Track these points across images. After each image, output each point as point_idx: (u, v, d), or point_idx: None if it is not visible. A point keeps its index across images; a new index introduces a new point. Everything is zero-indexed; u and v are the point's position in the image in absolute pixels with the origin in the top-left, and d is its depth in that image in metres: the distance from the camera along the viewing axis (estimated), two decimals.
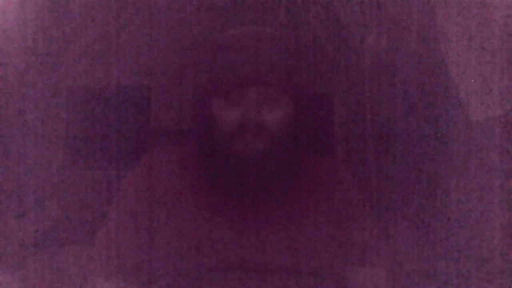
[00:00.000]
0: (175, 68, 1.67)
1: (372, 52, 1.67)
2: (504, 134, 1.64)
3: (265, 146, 1.53)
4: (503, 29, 1.66)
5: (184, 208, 1.57)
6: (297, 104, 1.61)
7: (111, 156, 1.65)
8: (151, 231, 1.57)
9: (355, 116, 1.66)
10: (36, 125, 1.67)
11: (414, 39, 1.68)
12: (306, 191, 1.59)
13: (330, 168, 1.63)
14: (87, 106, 1.68)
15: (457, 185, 1.64)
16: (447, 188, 1.64)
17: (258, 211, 1.55)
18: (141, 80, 1.68)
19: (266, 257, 1.53)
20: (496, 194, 1.64)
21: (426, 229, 1.64)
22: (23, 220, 1.66)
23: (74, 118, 1.68)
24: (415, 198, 1.63)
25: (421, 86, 1.66)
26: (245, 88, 1.54)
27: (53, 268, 1.65)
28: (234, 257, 1.54)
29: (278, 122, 1.55)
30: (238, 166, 1.53)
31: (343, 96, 1.68)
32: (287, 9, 1.67)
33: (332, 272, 1.57)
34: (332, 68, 1.67)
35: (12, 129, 1.67)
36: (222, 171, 1.55)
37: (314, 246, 1.55)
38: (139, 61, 1.68)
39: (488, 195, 1.64)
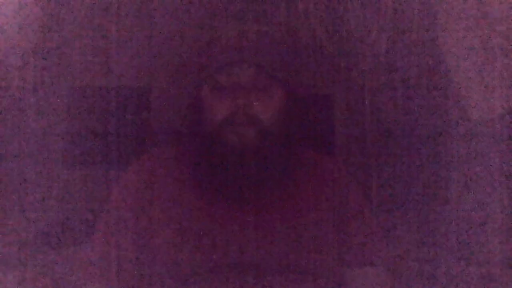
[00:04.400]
0: (175, 68, 1.68)
1: (372, 52, 1.68)
2: (504, 133, 1.64)
3: (265, 144, 1.53)
4: (503, 29, 1.66)
5: (182, 206, 1.57)
6: (298, 103, 1.61)
7: (111, 156, 1.65)
8: (150, 229, 1.57)
9: (355, 115, 1.66)
10: (36, 125, 1.67)
11: (414, 39, 1.68)
12: (305, 190, 1.59)
13: (330, 167, 1.63)
14: (87, 106, 1.68)
15: (457, 185, 1.64)
16: (447, 187, 1.64)
17: (257, 209, 1.55)
18: (141, 80, 1.68)
19: (265, 255, 1.53)
20: (496, 194, 1.63)
21: (426, 229, 1.64)
22: (23, 220, 1.66)
23: (74, 118, 1.68)
24: (415, 197, 1.63)
25: (421, 86, 1.66)
26: (245, 87, 1.55)
27: (53, 268, 1.65)
28: (232, 255, 1.54)
29: (278, 122, 1.55)
30: (238, 165, 1.53)
31: (343, 96, 1.68)
32: (287, 9, 1.68)
33: (331, 271, 1.57)
34: (332, 68, 1.67)
35: (12, 129, 1.67)
36: (220, 170, 1.55)
37: (313, 245, 1.55)
38: (139, 61, 1.68)
39: (489, 194, 1.64)
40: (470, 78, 1.66)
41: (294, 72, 1.64)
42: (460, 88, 1.66)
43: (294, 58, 1.65)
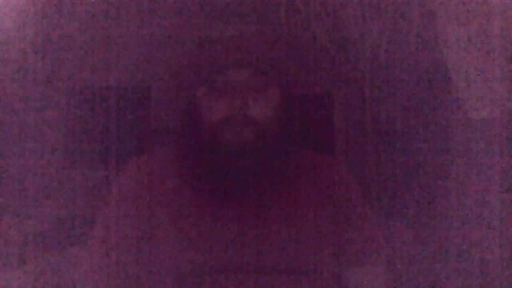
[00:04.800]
0: (175, 68, 1.68)
1: (372, 52, 1.67)
2: (504, 133, 1.64)
3: (264, 145, 1.53)
4: (503, 29, 1.66)
5: (181, 207, 1.57)
6: (297, 103, 1.61)
7: (111, 156, 1.65)
8: (149, 229, 1.57)
9: (355, 115, 1.66)
10: (36, 125, 1.67)
11: (414, 38, 1.68)
12: (305, 190, 1.59)
13: (329, 166, 1.63)
14: (87, 106, 1.68)
15: (457, 185, 1.64)
16: (447, 187, 1.64)
17: (256, 210, 1.55)
18: (141, 80, 1.68)
19: (264, 255, 1.53)
20: (496, 194, 1.63)
21: (426, 229, 1.64)
22: (23, 220, 1.66)
23: (74, 118, 1.68)
24: (415, 197, 1.63)
25: (421, 86, 1.66)
26: (244, 88, 1.55)
27: (53, 268, 1.65)
28: (232, 255, 1.54)
29: (277, 122, 1.55)
30: (237, 165, 1.53)
31: (343, 96, 1.68)
32: (287, 9, 1.68)
33: (331, 271, 1.57)
34: (332, 68, 1.67)
35: (12, 129, 1.67)
36: (220, 170, 1.55)
37: (313, 245, 1.55)
38: (139, 61, 1.68)
39: (488, 194, 1.64)
40: (470, 78, 1.66)
41: (294, 72, 1.64)
42: (460, 88, 1.66)
43: (294, 58, 1.65)
